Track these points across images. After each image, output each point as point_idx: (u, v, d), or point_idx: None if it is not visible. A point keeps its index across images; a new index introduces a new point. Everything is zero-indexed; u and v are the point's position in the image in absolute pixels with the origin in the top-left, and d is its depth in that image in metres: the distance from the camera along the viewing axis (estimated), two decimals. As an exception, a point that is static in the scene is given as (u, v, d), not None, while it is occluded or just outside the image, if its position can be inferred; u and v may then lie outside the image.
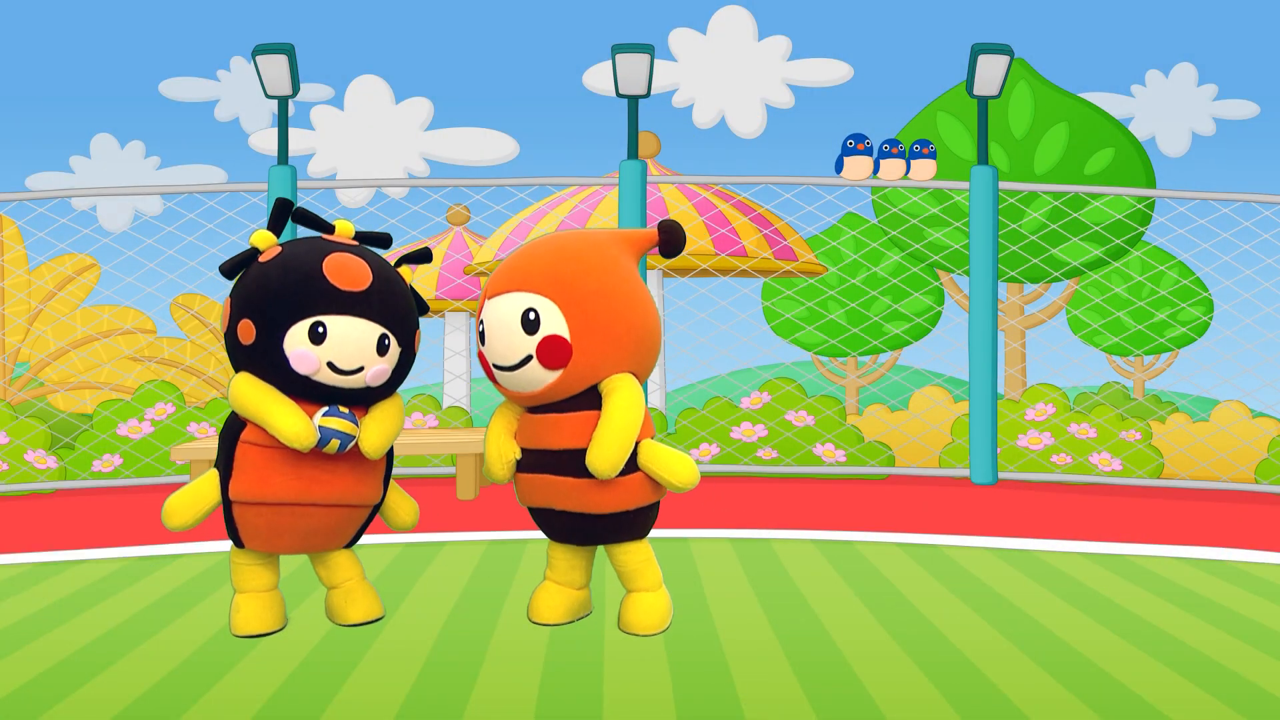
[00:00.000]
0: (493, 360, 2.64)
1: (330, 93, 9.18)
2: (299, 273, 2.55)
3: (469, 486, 5.21)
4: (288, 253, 2.60)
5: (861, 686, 2.29)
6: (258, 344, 2.55)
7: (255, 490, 2.58)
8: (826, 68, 8.74)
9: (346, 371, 2.56)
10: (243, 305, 2.57)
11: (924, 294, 8.05)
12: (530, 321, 2.56)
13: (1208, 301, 7.92)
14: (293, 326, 2.52)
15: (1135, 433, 5.81)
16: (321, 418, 2.55)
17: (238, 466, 2.59)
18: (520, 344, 2.58)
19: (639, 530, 2.74)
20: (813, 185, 6.13)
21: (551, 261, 2.63)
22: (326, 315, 2.53)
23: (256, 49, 5.81)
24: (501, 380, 2.66)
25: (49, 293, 7.40)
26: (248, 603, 2.70)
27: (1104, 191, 6.75)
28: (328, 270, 2.55)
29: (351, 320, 2.55)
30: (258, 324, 2.54)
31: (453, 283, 7.81)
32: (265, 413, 2.53)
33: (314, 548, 2.73)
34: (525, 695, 2.24)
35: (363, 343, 2.56)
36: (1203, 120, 9.27)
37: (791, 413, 5.99)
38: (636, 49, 5.78)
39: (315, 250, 2.60)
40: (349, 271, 2.57)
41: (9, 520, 4.79)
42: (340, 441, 2.56)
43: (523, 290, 2.59)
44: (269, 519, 2.61)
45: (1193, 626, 2.80)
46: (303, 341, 2.52)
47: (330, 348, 2.53)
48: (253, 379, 2.58)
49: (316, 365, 2.53)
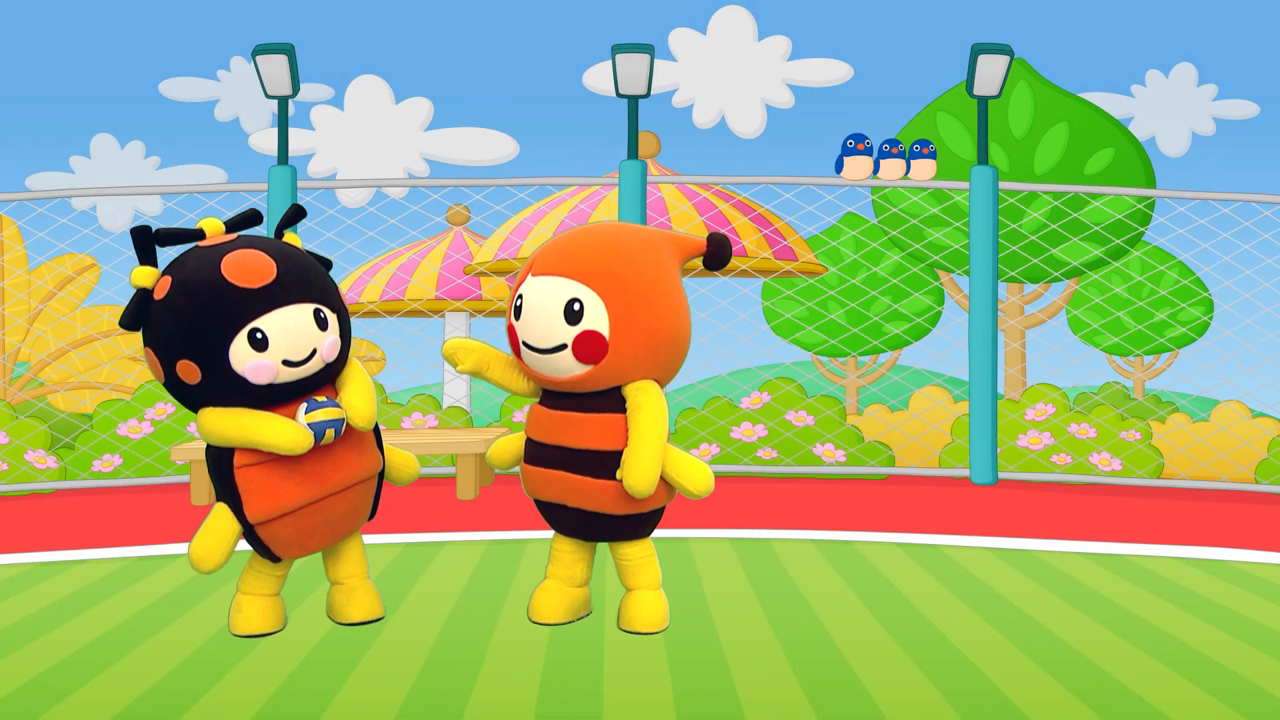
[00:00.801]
0: (525, 338, 2.62)
1: (330, 93, 9.17)
2: (205, 291, 2.45)
3: (469, 486, 5.21)
4: (181, 277, 2.48)
5: (861, 686, 2.29)
6: (206, 378, 2.47)
7: (272, 506, 2.55)
8: (826, 68, 8.74)
9: (301, 361, 2.51)
10: (170, 348, 2.48)
11: (924, 294, 8.05)
12: (574, 312, 2.55)
13: (1208, 301, 7.91)
14: (231, 345, 2.44)
15: (1135, 433, 5.81)
16: (305, 415, 2.51)
17: (244, 491, 2.54)
18: (558, 331, 2.56)
19: (647, 529, 2.76)
20: (813, 185, 6.13)
21: (605, 254, 2.60)
22: (256, 320, 2.45)
23: (256, 49, 5.81)
24: (528, 359, 2.64)
25: (49, 293, 7.40)
26: (250, 603, 2.70)
27: (1104, 191, 6.75)
28: (231, 275, 2.46)
29: (281, 312, 2.48)
30: (196, 359, 2.45)
31: (453, 283, 7.81)
32: (253, 435, 2.48)
33: (344, 533, 2.73)
34: (525, 695, 2.24)
35: (303, 327, 2.50)
36: (1203, 120, 9.27)
37: (791, 413, 5.99)
38: (636, 49, 5.78)
39: (205, 262, 2.49)
40: (250, 268, 2.48)
41: (9, 520, 4.79)
42: (334, 430, 2.54)
43: (572, 277, 2.57)
44: (295, 526, 2.60)
45: (1193, 626, 2.80)
46: (248, 355, 2.45)
47: (276, 347, 2.47)
48: (218, 410, 2.52)
49: (274, 369, 2.48)
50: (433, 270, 8.02)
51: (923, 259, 7.78)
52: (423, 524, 4.36)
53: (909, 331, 8.13)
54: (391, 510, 2.94)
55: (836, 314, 7.77)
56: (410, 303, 7.45)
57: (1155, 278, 8.03)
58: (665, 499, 2.72)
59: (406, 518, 4.38)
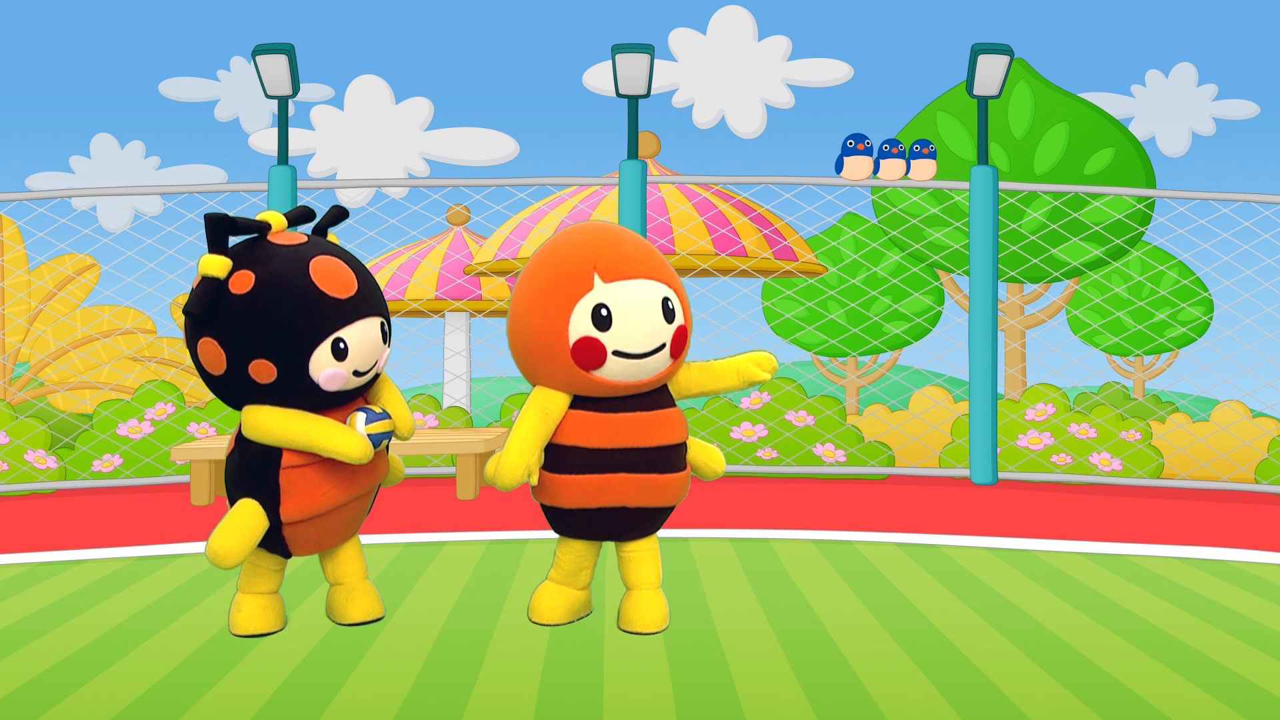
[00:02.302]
0: (620, 346, 2.56)
1: (330, 93, 9.17)
2: (297, 295, 2.46)
3: (469, 486, 5.21)
4: (268, 275, 2.47)
5: (861, 686, 2.29)
6: (280, 379, 2.48)
7: (311, 506, 2.58)
8: (826, 68, 8.74)
9: (368, 371, 2.59)
10: (247, 346, 2.46)
11: (924, 294, 8.05)
12: (670, 310, 2.62)
13: (1208, 301, 7.91)
14: (315, 351, 2.48)
15: (1135, 433, 5.81)
16: (367, 425, 2.57)
17: (287, 491, 2.55)
18: (661, 331, 2.61)
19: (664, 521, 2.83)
20: (813, 185, 6.13)
21: (658, 255, 2.71)
22: (340, 329, 2.50)
23: (256, 49, 5.81)
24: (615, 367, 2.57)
25: (49, 293, 7.39)
26: (250, 603, 2.70)
27: (1104, 191, 6.75)
28: (321, 283, 2.49)
29: (360, 324, 2.54)
30: (277, 360, 2.46)
31: (453, 283, 7.80)
32: (318, 439, 2.51)
33: (350, 534, 2.78)
34: (525, 695, 2.24)
35: (374, 341, 2.58)
36: (1203, 120, 9.27)
37: (791, 413, 5.99)
38: (636, 49, 5.77)
39: (293, 263, 2.49)
40: (338, 277, 2.53)
41: (9, 520, 4.79)
42: (388, 440, 2.63)
43: (654, 279, 2.63)
44: (320, 527, 2.64)
45: (1193, 626, 2.80)
46: (329, 362, 2.50)
47: (353, 358, 2.53)
48: (277, 410, 2.52)
49: (345, 378, 2.53)
50: (433, 270, 8.02)
51: (923, 259, 7.78)
52: (423, 524, 4.36)
53: (909, 331, 8.13)
54: (391, 510, 2.94)
55: (836, 314, 7.77)
56: (410, 303, 7.45)
57: (1155, 278, 8.03)
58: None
59: (406, 518, 4.38)
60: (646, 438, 2.65)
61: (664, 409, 2.70)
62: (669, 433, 2.70)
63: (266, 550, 2.66)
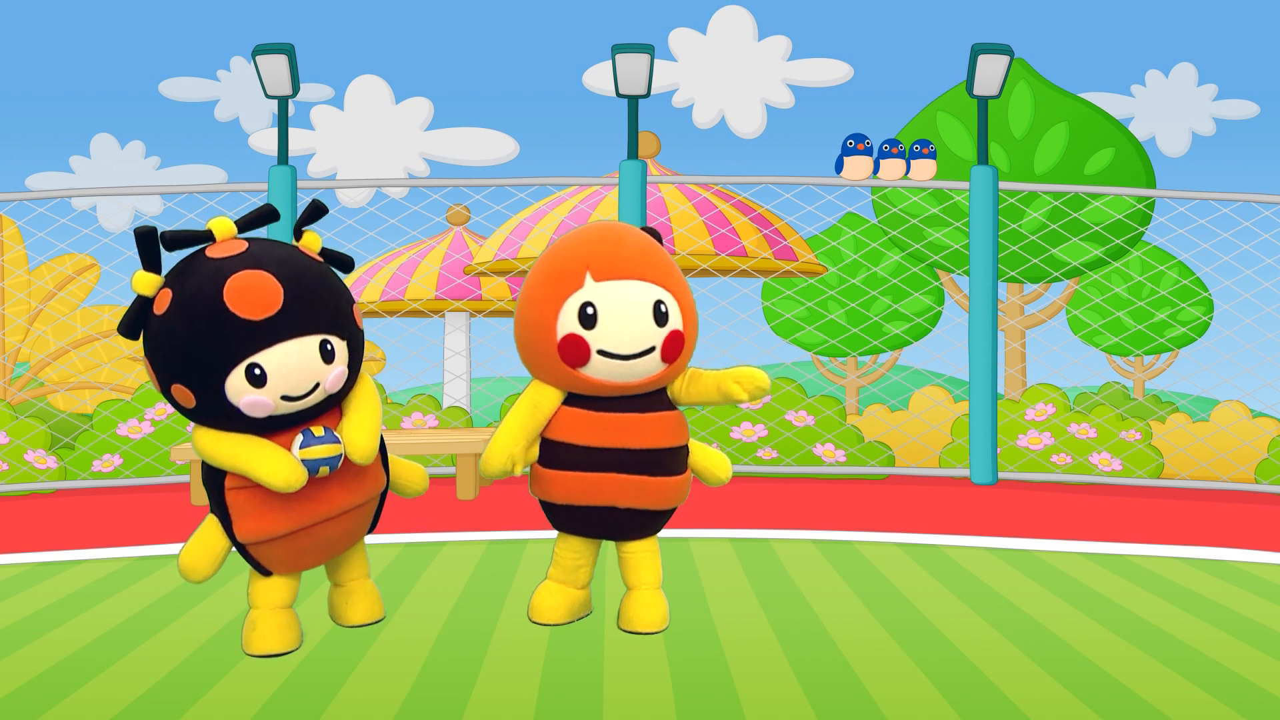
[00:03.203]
0: (605, 346, 2.56)
1: (330, 93, 9.18)
2: (204, 317, 2.28)
3: (469, 486, 5.21)
4: (182, 294, 2.31)
5: (861, 686, 2.29)
6: (201, 405, 2.34)
7: (260, 530, 2.45)
8: (826, 68, 8.74)
9: (302, 396, 2.36)
10: (164, 370, 2.35)
11: (924, 294, 8.05)
12: (662, 313, 2.58)
13: (1208, 301, 7.91)
14: (227, 380, 2.29)
15: (1135, 433, 5.81)
16: (300, 451, 2.36)
17: (234, 513, 2.44)
18: (649, 334, 2.57)
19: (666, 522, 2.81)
20: (813, 185, 6.13)
21: (661, 257, 2.65)
22: (256, 354, 2.29)
23: (256, 49, 5.80)
24: (600, 367, 2.57)
25: (49, 293, 7.40)
26: (264, 619, 2.55)
27: (1104, 191, 6.75)
28: (233, 303, 2.27)
29: (283, 347, 2.31)
30: (191, 387, 2.32)
31: (453, 283, 7.80)
32: (244, 464, 2.35)
33: (338, 552, 2.65)
34: (525, 695, 2.24)
35: (306, 363, 2.34)
36: (1203, 120, 9.27)
37: (791, 413, 5.99)
38: (636, 49, 5.77)
39: (209, 280, 2.30)
40: (255, 294, 2.29)
41: (9, 520, 4.79)
42: (330, 466, 2.41)
43: (648, 280, 2.59)
44: (286, 548, 2.49)
45: (1193, 626, 2.80)
46: (245, 390, 2.30)
47: (275, 384, 2.31)
48: (213, 433, 2.39)
49: (271, 405, 2.33)
50: (433, 270, 8.02)
51: (923, 259, 7.78)
52: (423, 524, 4.36)
53: (909, 331, 8.13)
54: (392, 510, 2.93)
55: (836, 314, 7.77)
56: (410, 303, 7.45)
57: (1155, 278, 8.03)
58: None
59: (406, 518, 4.38)
60: (638, 439, 2.63)
61: (659, 411, 2.66)
62: (662, 436, 2.65)
63: (254, 569, 2.56)
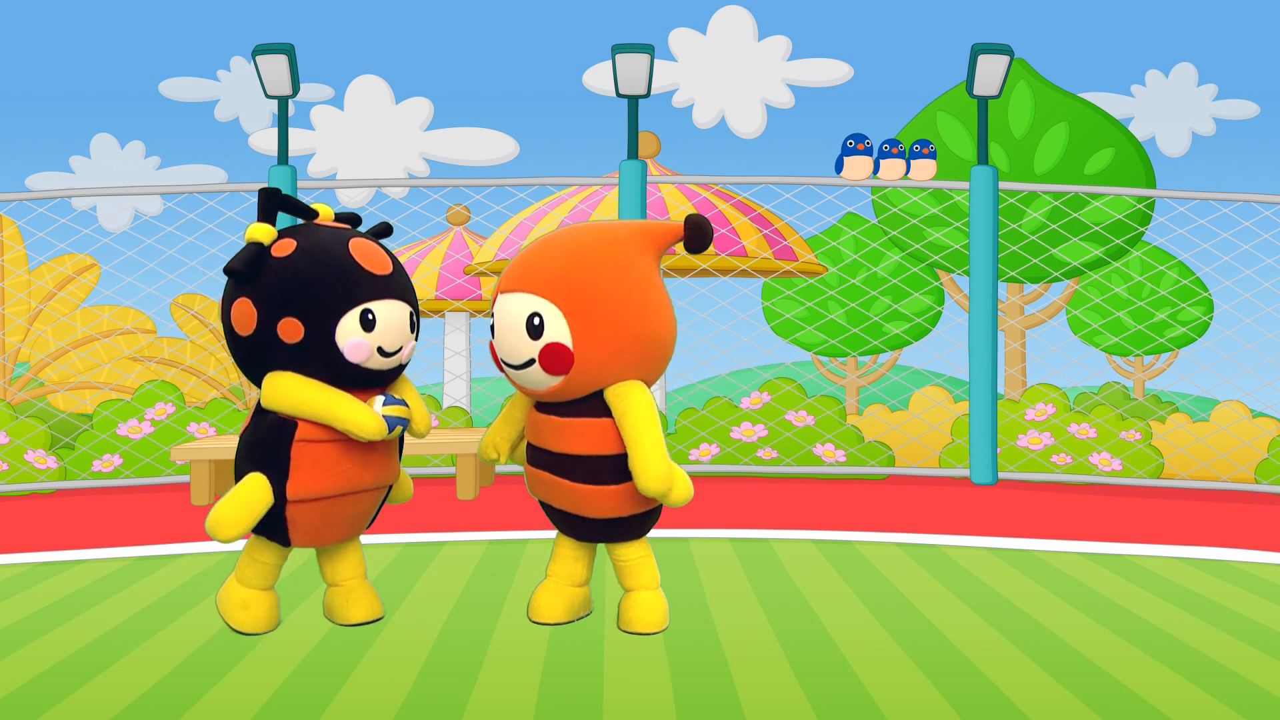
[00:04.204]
0: (500, 356, 2.68)
1: (330, 93, 9.18)
2: (334, 263, 2.55)
3: (469, 486, 5.21)
4: (309, 243, 2.57)
5: (861, 686, 2.29)
6: (307, 340, 2.52)
7: (316, 486, 2.58)
8: (826, 68, 8.74)
9: (392, 353, 2.60)
10: (279, 304, 2.52)
11: (924, 294, 8.05)
12: (534, 326, 2.56)
13: (1208, 301, 7.92)
14: (343, 317, 2.52)
15: (1135, 433, 5.81)
16: (384, 407, 2.58)
17: (297, 465, 2.56)
18: (524, 347, 2.58)
19: (636, 532, 2.76)
20: (813, 185, 6.13)
21: (561, 263, 2.60)
22: (371, 301, 2.55)
23: (256, 49, 5.81)
24: (508, 375, 2.70)
25: (49, 293, 7.39)
26: (258, 601, 2.70)
27: (1104, 191, 6.75)
28: (358, 256, 2.57)
29: (390, 303, 2.58)
30: (306, 320, 2.51)
31: (453, 283, 7.81)
32: (335, 410, 2.54)
33: (353, 534, 2.78)
34: (525, 695, 2.24)
35: (402, 323, 2.61)
36: (1203, 120, 9.27)
37: (791, 413, 5.99)
38: (636, 49, 5.77)
39: (334, 238, 2.60)
40: (375, 256, 2.61)
41: (9, 520, 4.79)
42: (402, 426, 2.62)
43: (530, 291, 2.58)
44: (323, 512, 2.62)
45: (1193, 626, 2.80)
46: (355, 331, 2.53)
47: (379, 332, 2.56)
48: (300, 378, 2.55)
49: (369, 352, 2.55)
50: (433, 270, 8.03)
51: (923, 259, 7.78)
52: (423, 524, 4.36)
53: (909, 331, 8.14)
54: (391, 510, 2.94)
55: (836, 314, 7.77)
56: (410, 303, 7.44)
57: (1155, 278, 8.03)
58: (646, 505, 2.70)
59: (406, 518, 4.38)
60: (555, 442, 2.67)
61: (578, 418, 2.62)
62: (578, 443, 2.63)
63: (267, 539, 2.65)
